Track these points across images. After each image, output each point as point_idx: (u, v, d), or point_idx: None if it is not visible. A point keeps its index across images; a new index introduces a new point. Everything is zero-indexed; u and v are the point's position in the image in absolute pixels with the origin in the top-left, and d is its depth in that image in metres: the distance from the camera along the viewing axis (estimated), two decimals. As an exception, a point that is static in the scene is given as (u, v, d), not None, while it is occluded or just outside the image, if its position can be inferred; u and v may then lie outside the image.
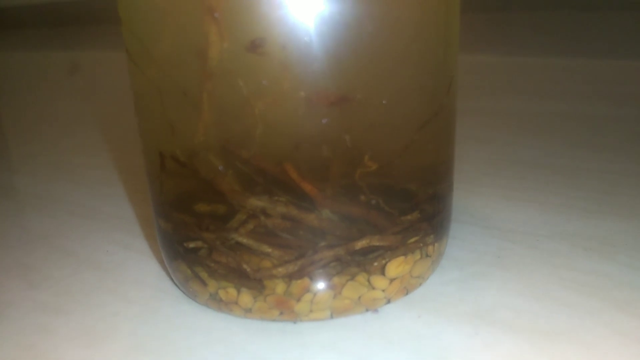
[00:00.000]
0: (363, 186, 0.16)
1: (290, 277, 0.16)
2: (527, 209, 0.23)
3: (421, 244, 0.17)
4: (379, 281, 0.16)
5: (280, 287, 0.16)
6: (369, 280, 0.16)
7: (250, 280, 0.16)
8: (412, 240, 0.17)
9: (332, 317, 0.16)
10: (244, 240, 0.16)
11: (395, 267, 0.16)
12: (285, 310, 0.16)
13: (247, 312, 0.17)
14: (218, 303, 0.17)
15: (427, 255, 0.17)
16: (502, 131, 0.35)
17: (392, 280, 0.16)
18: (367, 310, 0.17)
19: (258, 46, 0.14)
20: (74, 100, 0.64)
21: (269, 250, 0.16)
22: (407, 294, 0.17)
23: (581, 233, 0.21)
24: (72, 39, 1.77)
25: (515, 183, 0.26)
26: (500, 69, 0.58)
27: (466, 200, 0.24)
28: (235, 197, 0.16)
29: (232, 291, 0.16)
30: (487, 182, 0.27)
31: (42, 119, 0.52)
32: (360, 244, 0.16)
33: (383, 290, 0.16)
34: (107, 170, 0.32)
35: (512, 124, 0.36)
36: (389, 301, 0.17)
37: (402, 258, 0.16)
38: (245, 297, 0.16)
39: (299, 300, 0.16)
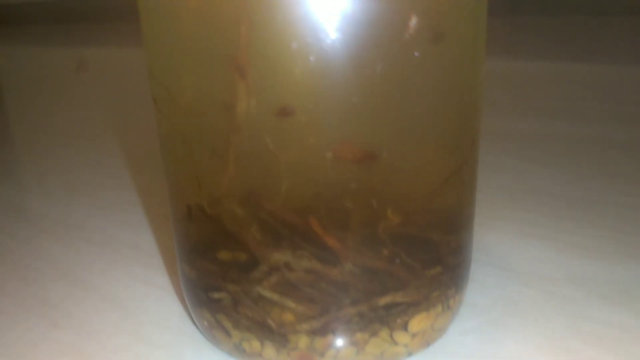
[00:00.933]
0: (386, 239, 0.17)
1: (314, 333, 0.16)
2: (542, 248, 0.23)
3: (443, 297, 0.17)
4: (401, 337, 0.16)
5: (303, 341, 0.16)
6: (391, 336, 0.16)
7: (274, 334, 0.16)
8: (435, 294, 0.17)
9: (354, 371, 0.17)
10: (268, 293, 0.16)
11: (418, 322, 0.16)
12: (309, 364, 0.16)
13: (271, 364, 0.17)
14: (242, 353, 0.17)
15: (448, 308, 0.17)
16: (514, 155, 0.35)
17: (414, 335, 0.16)
18: (388, 363, 0.17)
19: (288, 114, 0.14)
20: (85, 103, 0.64)
21: (293, 305, 0.16)
22: (428, 346, 0.17)
23: (597, 278, 0.21)
24: (79, 36, 1.76)
25: (530, 217, 0.26)
26: (507, 75, 0.58)
27: (482, 236, 0.25)
28: (259, 249, 0.17)
29: (255, 343, 0.17)
30: (502, 215, 0.27)
31: (52, 124, 0.52)
32: (384, 300, 0.16)
33: (405, 345, 0.16)
34: (125, 190, 0.32)
35: (523, 147, 0.36)
36: (410, 354, 0.17)
37: (424, 313, 0.16)
38: (269, 350, 0.16)
39: (322, 355, 0.16)
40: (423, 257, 0.17)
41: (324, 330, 0.16)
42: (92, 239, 0.26)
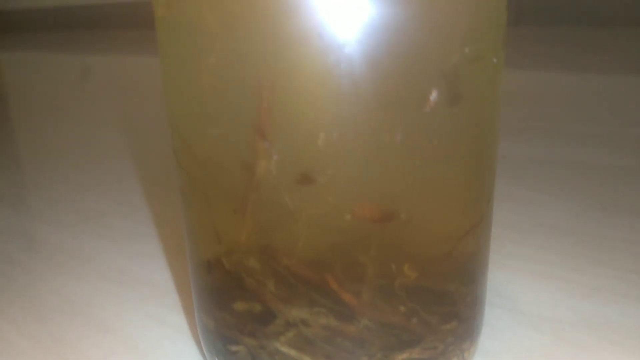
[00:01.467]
0: (402, 294, 0.17)
1: (331, 389, 0.16)
2: (553, 288, 0.24)
3: (458, 351, 0.17)
4: (417, 391, 0.17)
5: (321, 397, 0.16)
6: (407, 391, 0.16)
7: (292, 388, 0.16)
8: (451, 348, 0.17)
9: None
10: (285, 349, 0.17)
11: (433, 377, 0.17)
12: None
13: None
14: (259, 406, 0.17)
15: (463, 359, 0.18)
16: (522, 185, 0.35)
17: (429, 389, 0.17)
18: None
19: (310, 182, 0.14)
20: (93, 115, 0.64)
21: (311, 360, 0.16)
22: (442, 398, 0.17)
23: (608, 322, 0.21)
24: (84, 43, 1.77)
25: (540, 254, 0.26)
26: (511, 88, 0.58)
27: (493, 275, 0.25)
28: (276, 304, 0.17)
29: (273, 397, 0.17)
30: (512, 251, 0.27)
31: (61, 140, 0.52)
32: (401, 356, 0.16)
33: (421, 400, 0.17)
34: (138, 219, 0.32)
35: (531, 174, 0.36)
36: (425, 408, 0.17)
37: (440, 368, 0.17)
38: (287, 404, 0.17)
39: (339, 410, 0.16)
40: (439, 311, 0.17)
41: (342, 387, 0.16)
42: (107, 273, 0.26)
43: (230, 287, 0.18)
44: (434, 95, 0.14)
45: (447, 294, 0.18)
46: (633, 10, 1.16)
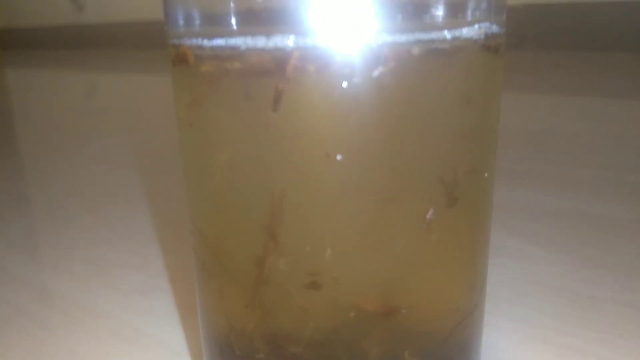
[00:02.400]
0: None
1: None
2: (547, 354, 0.25)
3: None
4: None
5: None
6: None
7: None
8: None
9: None
10: None
11: None
12: None
13: None
14: None
15: None
16: (517, 237, 0.36)
17: None
18: None
19: (317, 287, 0.16)
20: (102, 139, 0.65)
21: None
22: None
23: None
24: (91, 61, 1.79)
25: (534, 316, 0.28)
26: (510, 119, 0.60)
27: (488, 338, 0.26)
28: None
29: None
30: (506, 312, 0.28)
31: (69, 175, 0.53)
32: None
33: None
34: (151, 271, 0.33)
35: (525, 226, 0.38)
36: None
37: None
38: None
39: None
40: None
41: None
42: (120, 332, 0.28)
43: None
44: (430, 214, 0.15)
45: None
46: (634, 35, 1.18)
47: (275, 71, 0.14)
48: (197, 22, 0.15)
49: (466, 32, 0.14)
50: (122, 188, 0.51)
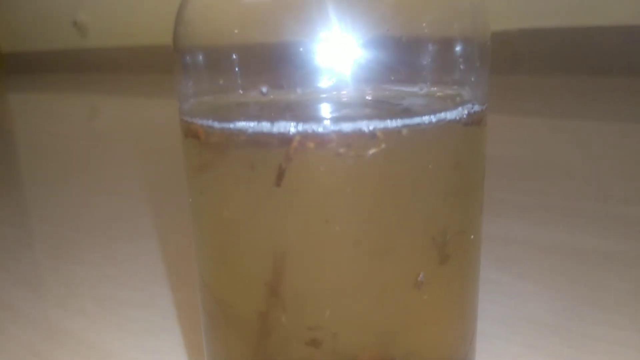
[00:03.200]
0: None
1: None
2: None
3: None
4: None
5: None
6: None
7: None
8: None
9: None
10: None
11: None
12: None
13: None
14: None
15: None
16: (509, 272, 0.37)
17: None
18: None
19: (317, 344, 0.17)
20: (107, 166, 0.65)
21: None
22: None
23: None
24: (93, 85, 1.81)
25: (526, 354, 0.28)
26: (501, 138, 0.61)
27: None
28: None
29: None
30: (501, 350, 0.29)
31: (73, 206, 0.54)
32: None
33: None
34: (159, 311, 0.34)
35: (517, 260, 0.39)
36: None
37: None
38: None
39: None
40: None
41: None
42: (128, 374, 0.29)
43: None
44: (421, 277, 0.16)
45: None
46: (628, 59, 1.21)
47: (278, 151, 0.16)
48: (208, 107, 0.16)
49: (450, 115, 0.15)
50: (128, 220, 0.52)
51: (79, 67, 2.32)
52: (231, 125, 0.16)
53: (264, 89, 0.15)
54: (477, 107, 0.16)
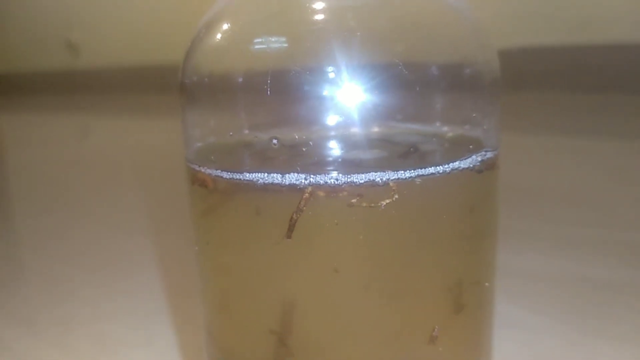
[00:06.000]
0: None
1: None
2: None
3: None
4: None
5: None
6: None
7: None
8: None
9: None
10: None
11: None
12: None
13: None
14: None
15: None
16: (519, 304, 0.36)
17: None
18: None
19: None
20: (99, 192, 0.63)
21: None
22: None
23: None
24: (85, 106, 1.80)
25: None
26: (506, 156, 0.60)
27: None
28: None
29: None
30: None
31: (65, 236, 0.53)
32: None
33: None
34: (159, 351, 0.33)
35: (528, 293, 0.38)
36: None
37: None
38: None
39: None
40: None
41: None
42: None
43: None
44: (436, 331, 0.16)
45: None
46: (627, 78, 1.22)
47: (288, 201, 0.15)
48: (215, 154, 0.16)
49: (464, 163, 0.15)
50: (125, 252, 0.51)
51: (72, 88, 2.31)
52: (240, 176, 0.15)
53: (275, 141, 0.15)
54: (490, 154, 0.16)
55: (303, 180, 0.14)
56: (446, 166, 0.15)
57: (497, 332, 0.33)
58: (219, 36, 0.18)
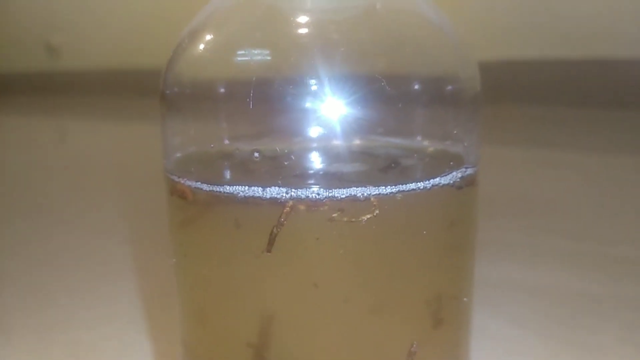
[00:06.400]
0: None
1: None
2: None
3: None
4: None
5: None
6: None
7: None
8: None
9: None
10: None
11: None
12: None
13: None
14: None
15: None
16: (497, 316, 0.37)
17: None
18: None
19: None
20: (80, 198, 0.63)
21: None
22: None
23: None
24: (62, 108, 1.77)
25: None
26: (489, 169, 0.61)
27: None
28: None
29: None
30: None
31: (44, 248, 0.51)
32: None
33: None
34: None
35: (507, 304, 0.38)
36: None
37: None
38: None
39: None
40: None
41: None
42: None
43: None
44: (414, 347, 0.16)
45: None
46: (609, 92, 1.24)
47: (268, 214, 0.15)
48: (195, 165, 0.16)
49: (444, 179, 0.15)
50: (103, 259, 0.50)
51: (51, 91, 2.27)
52: (220, 189, 0.15)
53: (256, 154, 0.15)
54: (470, 170, 0.16)
55: (284, 194, 0.14)
56: (427, 182, 0.15)
57: (476, 343, 0.34)
58: (201, 46, 0.18)
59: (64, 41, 2.27)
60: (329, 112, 0.16)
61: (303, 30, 0.17)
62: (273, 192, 0.14)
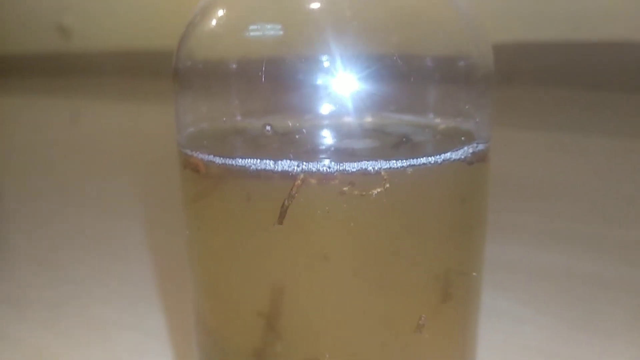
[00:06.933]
0: None
1: None
2: None
3: None
4: None
5: None
6: None
7: None
8: None
9: None
10: None
11: None
12: None
13: None
14: None
15: None
16: (506, 296, 0.37)
17: None
18: None
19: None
20: (91, 187, 0.63)
21: None
22: None
23: None
24: (75, 89, 1.78)
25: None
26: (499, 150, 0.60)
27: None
28: None
29: None
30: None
31: (58, 226, 0.53)
32: None
33: None
34: (149, 333, 0.33)
35: (515, 285, 0.38)
36: None
37: None
38: None
39: None
40: None
41: None
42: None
43: None
44: (423, 319, 0.16)
45: None
46: (621, 75, 1.22)
47: (279, 187, 0.15)
48: (208, 139, 0.16)
49: (455, 154, 0.15)
50: (116, 236, 0.51)
51: (63, 72, 2.28)
52: (232, 162, 0.15)
53: (268, 127, 0.15)
54: (481, 146, 0.16)
55: (295, 168, 0.15)
56: (438, 157, 0.15)
57: (484, 322, 0.34)
58: (214, 22, 0.18)
59: (75, 22, 2.27)
60: (341, 88, 0.16)
61: (316, 6, 0.17)
62: (284, 165, 0.15)
